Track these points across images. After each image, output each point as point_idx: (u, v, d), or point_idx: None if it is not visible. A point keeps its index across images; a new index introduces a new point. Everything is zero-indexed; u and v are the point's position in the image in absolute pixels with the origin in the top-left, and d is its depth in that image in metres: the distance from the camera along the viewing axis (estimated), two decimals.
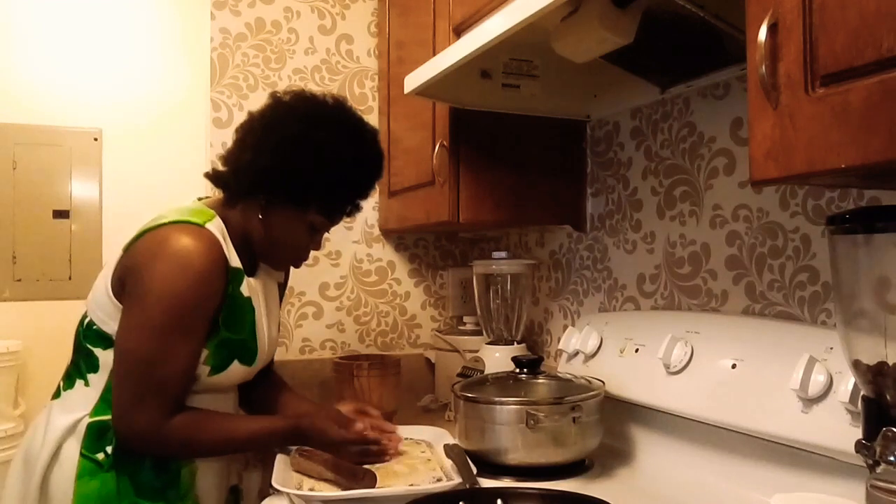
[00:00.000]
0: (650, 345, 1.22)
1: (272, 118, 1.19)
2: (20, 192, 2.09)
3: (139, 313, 1.09)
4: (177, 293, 1.08)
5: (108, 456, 1.11)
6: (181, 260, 1.08)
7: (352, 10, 1.99)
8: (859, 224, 0.73)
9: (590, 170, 1.59)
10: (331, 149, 1.16)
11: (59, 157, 2.13)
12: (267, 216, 1.19)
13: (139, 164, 2.17)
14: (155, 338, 1.07)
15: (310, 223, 1.21)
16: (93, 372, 1.14)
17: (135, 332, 1.09)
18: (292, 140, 1.15)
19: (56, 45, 2.14)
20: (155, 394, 1.08)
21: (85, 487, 1.10)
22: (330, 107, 1.21)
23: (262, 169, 1.16)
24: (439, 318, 2.07)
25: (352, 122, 1.22)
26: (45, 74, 2.13)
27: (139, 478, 1.12)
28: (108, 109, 2.19)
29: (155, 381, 1.08)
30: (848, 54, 0.60)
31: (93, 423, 1.12)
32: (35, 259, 2.10)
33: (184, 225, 1.12)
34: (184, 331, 1.09)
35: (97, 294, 1.16)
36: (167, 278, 1.08)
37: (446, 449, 1.20)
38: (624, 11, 1.01)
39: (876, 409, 0.73)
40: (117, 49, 2.20)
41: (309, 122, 1.17)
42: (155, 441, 1.10)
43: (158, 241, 1.11)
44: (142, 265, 1.10)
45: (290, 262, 1.32)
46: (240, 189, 1.20)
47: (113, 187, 2.16)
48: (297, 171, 1.15)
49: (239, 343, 1.19)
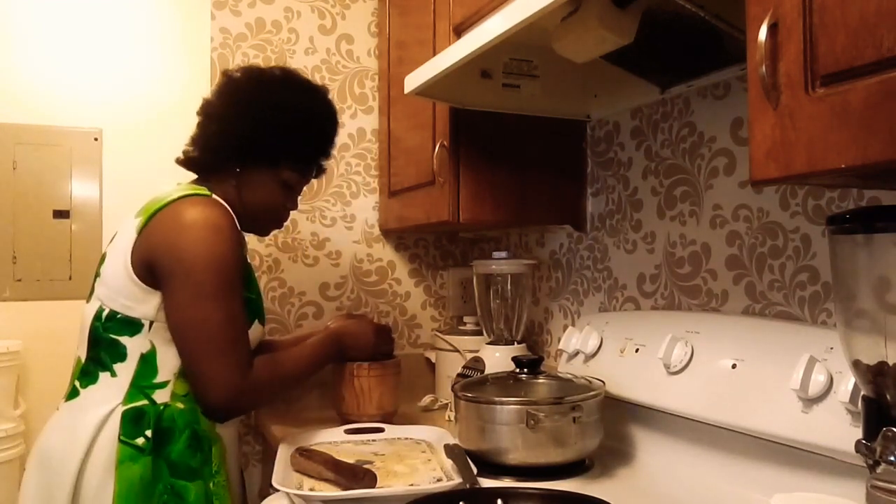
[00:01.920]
0: (650, 345, 1.22)
1: (228, 90, 1.30)
2: (20, 192, 2.09)
3: (193, 285, 1.13)
4: (220, 256, 1.14)
5: (149, 440, 1.13)
6: (211, 225, 1.15)
7: (352, 10, 1.99)
8: (859, 224, 0.73)
9: (590, 170, 1.59)
10: (292, 105, 1.28)
11: (59, 157, 2.13)
12: (242, 184, 1.28)
13: (139, 164, 2.17)
14: (217, 302, 1.13)
15: (283, 181, 1.31)
16: (120, 361, 1.16)
17: (196, 303, 1.13)
18: (256, 104, 1.26)
19: (56, 45, 2.14)
20: (233, 352, 1.15)
21: (127, 472, 1.11)
22: (279, 74, 1.33)
23: (232, 136, 1.25)
24: (439, 318, 2.07)
25: (303, 81, 1.35)
26: (45, 74, 2.13)
27: (174, 458, 1.14)
28: (108, 109, 2.19)
29: (230, 340, 1.14)
30: (848, 54, 0.60)
31: (128, 411, 1.14)
32: (35, 259, 2.10)
33: (194, 197, 1.19)
34: (233, 290, 1.17)
35: (116, 282, 1.17)
36: (206, 245, 1.14)
37: (446, 449, 1.20)
38: (624, 11, 1.01)
39: (876, 409, 0.73)
40: (117, 49, 2.20)
41: (266, 87, 1.29)
42: (251, 392, 1.17)
43: (178, 215, 1.16)
44: (172, 242, 1.14)
45: (273, 224, 1.38)
46: (215, 162, 1.28)
47: (113, 187, 2.16)
48: (265, 131, 1.25)
49: (254, 302, 1.27)
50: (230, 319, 1.15)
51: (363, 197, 1.99)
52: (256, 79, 1.31)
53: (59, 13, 2.16)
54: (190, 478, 1.15)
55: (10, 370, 1.95)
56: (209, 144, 1.28)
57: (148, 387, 1.16)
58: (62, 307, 2.08)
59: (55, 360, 2.02)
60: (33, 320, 2.08)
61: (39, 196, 2.12)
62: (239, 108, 1.26)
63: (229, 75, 1.32)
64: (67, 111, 2.15)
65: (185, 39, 2.26)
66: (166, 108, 2.22)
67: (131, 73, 2.22)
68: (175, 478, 1.14)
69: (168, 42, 2.25)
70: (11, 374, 1.96)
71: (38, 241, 2.11)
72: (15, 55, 2.11)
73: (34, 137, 2.12)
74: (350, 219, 1.98)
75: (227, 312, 1.14)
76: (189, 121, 1.35)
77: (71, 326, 1.21)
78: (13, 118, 2.09)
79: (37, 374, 2.06)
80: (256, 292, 1.31)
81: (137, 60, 2.23)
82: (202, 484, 1.16)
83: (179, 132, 2.18)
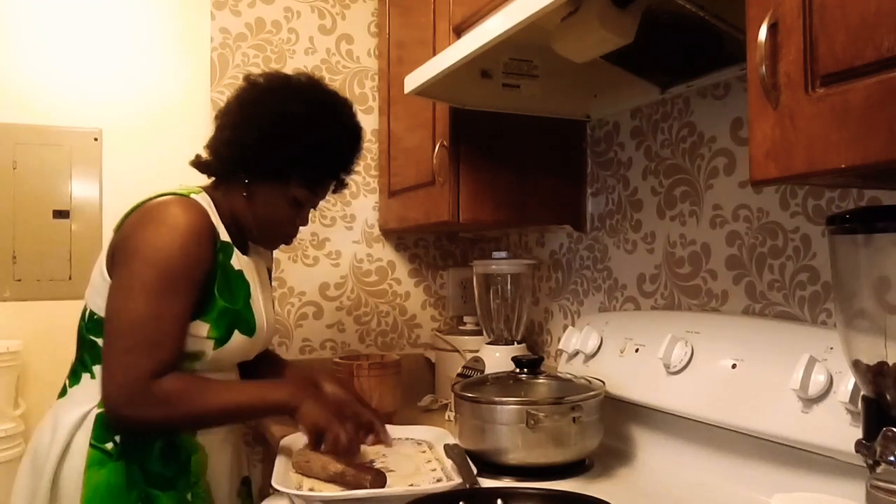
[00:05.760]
0: (650, 345, 1.22)
1: (247, 98, 1.24)
2: (20, 192, 2.09)
3: (127, 275, 1.09)
4: (164, 253, 1.09)
5: (117, 445, 1.10)
6: (167, 223, 1.11)
7: (352, 10, 1.99)
8: (859, 224, 0.73)
9: (590, 170, 1.59)
10: (305, 119, 1.20)
11: (59, 157, 2.13)
12: (251, 194, 1.23)
13: (139, 164, 2.17)
14: (144, 297, 1.07)
15: (293, 197, 1.24)
16: (98, 363, 1.13)
17: (123, 293, 1.09)
18: (268, 115, 1.20)
19: (56, 45, 2.14)
20: (144, 353, 1.06)
21: (94, 477, 1.09)
22: (303, 82, 1.26)
23: (240, 146, 1.20)
24: (439, 318, 2.07)
25: (325, 94, 1.27)
26: (46, 74, 2.13)
27: (148, 466, 1.11)
28: (108, 109, 2.19)
29: (144, 340, 1.06)
30: (848, 54, 0.60)
31: (101, 414, 1.11)
32: (35, 259, 2.10)
33: (169, 196, 1.16)
34: (173, 291, 1.09)
35: (94, 282, 1.17)
36: (154, 240, 1.10)
37: (446, 449, 1.20)
38: (624, 11, 1.01)
39: (876, 409, 0.73)
40: (117, 49, 2.20)
41: (283, 96, 1.22)
42: (147, 403, 1.06)
43: (145, 212, 1.14)
44: (129, 235, 1.12)
45: (280, 239, 1.32)
46: (223, 170, 1.24)
47: (113, 187, 2.16)
48: (273, 145, 1.19)
49: (235, 313, 1.19)
50: (155, 318, 1.06)
51: (363, 197, 1.99)
52: (274, 86, 1.24)
53: (58, 13, 2.15)
54: (163, 488, 1.11)
55: (10, 370, 1.95)
56: (219, 151, 1.24)
57: None
58: (62, 307, 2.08)
59: (55, 360, 2.02)
60: (33, 320, 2.08)
61: (39, 196, 2.12)
62: (251, 119, 1.21)
63: (251, 80, 1.25)
64: (67, 111, 2.15)
65: (185, 39, 2.26)
66: (166, 108, 2.22)
67: (131, 73, 2.21)
68: (150, 486, 1.11)
69: (168, 42, 2.25)
70: (11, 374, 1.96)
71: (38, 241, 2.11)
72: (15, 55, 2.11)
73: (34, 137, 2.12)
74: (350, 219, 1.98)
75: (153, 310, 1.06)
76: (189, 121, 1.35)
77: (71, 326, 1.20)
78: (13, 118, 2.09)
79: (37, 374, 2.05)
80: (242, 305, 1.20)
81: (137, 60, 2.23)
82: (175, 495, 1.12)
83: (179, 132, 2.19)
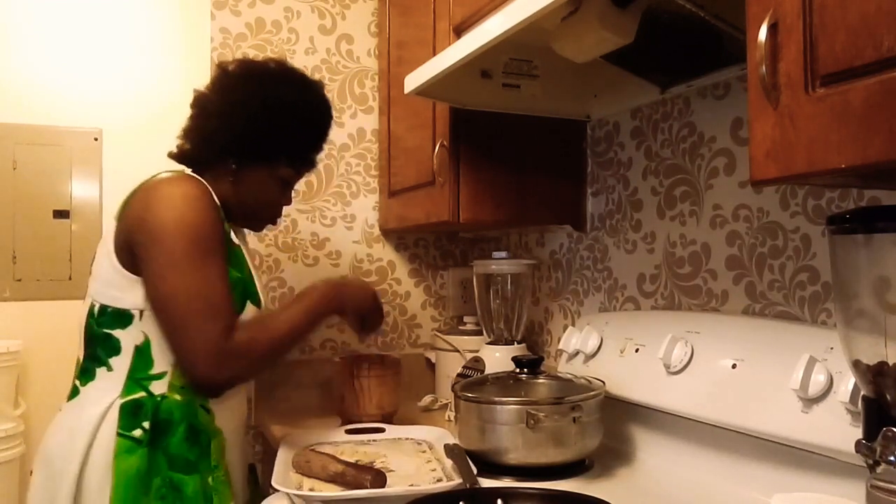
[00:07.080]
0: (650, 345, 1.22)
1: (225, 85, 1.28)
2: (20, 192, 2.09)
3: (163, 254, 1.10)
4: (189, 221, 1.11)
5: (146, 431, 1.12)
6: (181, 194, 1.13)
7: (352, 10, 1.99)
8: (859, 224, 0.73)
9: (590, 170, 1.59)
10: (291, 102, 1.26)
11: (59, 157, 2.13)
12: (238, 179, 1.26)
13: (139, 164, 2.15)
14: (189, 268, 1.09)
15: (280, 177, 1.29)
16: (115, 355, 1.15)
17: (167, 273, 1.09)
18: (254, 100, 1.24)
19: (56, 45, 2.14)
20: (210, 318, 1.09)
21: (124, 464, 1.10)
22: (277, 67, 1.31)
23: (231, 134, 1.23)
24: (439, 318, 2.07)
25: (300, 75, 1.32)
26: (45, 74, 2.13)
27: (172, 451, 1.12)
28: (108, 109, 2.19)
29: (207, 308, 1.09)
30: (848, 54, 0.60)
31: (125, 403, 1.12)
32: (35, 259, 2.10)
33: (167, 174, 1.18)
34: (211, 253, 1.12)
35: (103, 275, 1.17)
36: (174, 212, 1.11)
37: (446, 449, 1.20)
38: (624, 11, 1.01)
39: (876, 409, 0.73)
40: (117, 49, 2.20)
41: (264, 82, 1.27)
42: (236, 357, 1.10)
43: (150, 192, 1.15)
44: (142, 218, 1.12)
45: (268, 220, 1.36)
46: (209, 158, 1.26)
47: (113, 187, 2.16)
48: (264, 129, 1.24)
49: (244, 282, 1.22)
50: (206, 283, 1.09)
51: (363, 197, 1.99)
52: (252, 74, 1.28)
53: (58, 13, 2.16)
54: (187, 471, 1.13)
55: (10, 370, 1.95)
56: (205, 139, 1.26)
57: (144, 378, 1.14)
58: (62, 307, 2.08)
59: (55, 360, 2.03)
60: (33, 320, 2.08)
61: (39, 196, 2.12)
62: (236, 105, 1.24)
63: (224, 68, 1.30)
64: (67, 111, 2.15)
65: (185, 39, 2.26)
66: (166, 108, 2.22)
67: (131, 73, 2.22)
68: (173, 471, 1.12)
69: (168, 42, 2.25)
70: (11, 374, 1.96)
71: (38, 241, 2.11)
72: (15, 55, 2.11)
73: (34, 137, 2.12)
74: (350, 219, 1.98)
75: (201, 277, 1.09)
76: None
77: (71, 326, 1.20)
78: (13, 118, 2.09)
79: (37, 374, 2.06)
80: (246, 273, 1.24)
81: (137, 60, 2.23)
82: (199, 478, 1.14)
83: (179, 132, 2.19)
